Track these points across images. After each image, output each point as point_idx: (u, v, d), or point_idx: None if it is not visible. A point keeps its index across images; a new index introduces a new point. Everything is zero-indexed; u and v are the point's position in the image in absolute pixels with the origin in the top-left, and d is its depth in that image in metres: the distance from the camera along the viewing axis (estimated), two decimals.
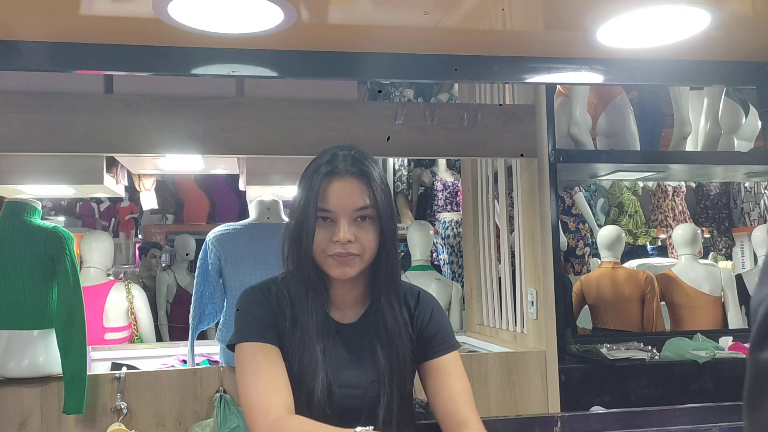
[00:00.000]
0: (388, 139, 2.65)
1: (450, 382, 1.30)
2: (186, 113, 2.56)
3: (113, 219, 6.69)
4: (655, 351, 2.90)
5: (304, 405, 1.22)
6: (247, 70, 1.64)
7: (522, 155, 2.80)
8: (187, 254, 4.85)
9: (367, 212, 1.23)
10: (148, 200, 3.85)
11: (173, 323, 4.68)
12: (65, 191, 3.10)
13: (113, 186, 2.95)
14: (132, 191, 5.34)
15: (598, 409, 2.48)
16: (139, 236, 6.50)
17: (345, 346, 1.30)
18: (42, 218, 2.63)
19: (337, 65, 1.64)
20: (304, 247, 1.23)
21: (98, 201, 6.69)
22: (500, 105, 3.02)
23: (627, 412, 1.69)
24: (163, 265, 5.34)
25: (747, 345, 2.77)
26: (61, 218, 6.19)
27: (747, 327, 3.60)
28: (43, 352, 2.46)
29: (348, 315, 1.33)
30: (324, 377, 1.23)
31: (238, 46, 1.57)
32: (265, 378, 1.19)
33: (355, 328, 1.32)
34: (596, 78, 1.79)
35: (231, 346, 1.28)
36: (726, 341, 3.07)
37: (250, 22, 1.44)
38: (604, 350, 2.80)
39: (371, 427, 1.07)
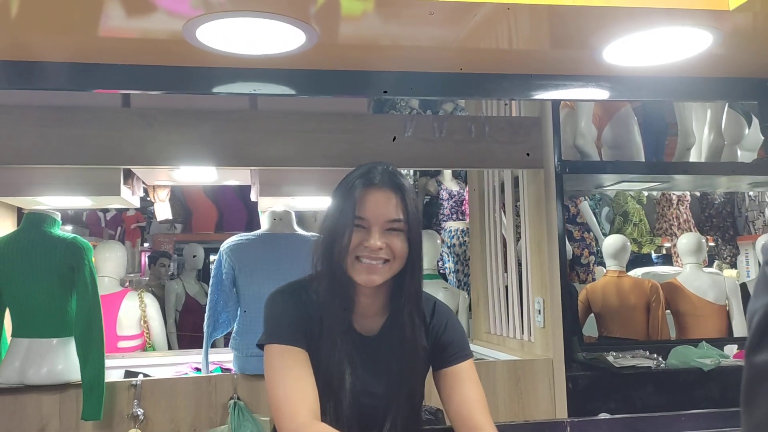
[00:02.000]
0: (394, 139, 2.70)
1: (464, 389, 1.35)
2: (200, 126, 2.63)
3: (119, 228, 6.73)
4: (660, 359, 2.93)
5: (332, 412, 1.28)
6: (268, 88, 1.71)
7: (528, 154, 2.84)
8: (193, 255, 4.87)
9: (398, 225, 1.30)
10: (162, 210, 3.91)
11: (182, 331, 4.73)
12: (83, 203, 3.16)
13: (129, 197, 3.01)
14: (139, 200, 5.38)
15: (604, 417, 2.52)
16: (145, 245, 6.54)
17: (366, 357, 1.35)
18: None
19: (353, 83, 1.70)
20: (337, 253, 1.28)
21: (104, 210, 6.73)
22: (507, 117, 3.08)
23: (634, 417, 1.73)
24: (172, 273, 5.40)
25: None
26: (69, 227, 6.24)
27: None
28: (62, 360, 2.51)
29: (369, 326, 1.38)
30: (351, 385, 1.28)
31: (259, 66, 1.64)
32: (293, 382, 1.25)
33: (375, 340, 1.37)
34: (602, 94, 1.86)
35: (260, 346, 1.33)
36: (731, 349, 3.10)
37: (272, 44, 1.50)
38: (610, 358, 2.84)
39: None
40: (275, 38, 1.44)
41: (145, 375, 2.91)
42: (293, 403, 1.22)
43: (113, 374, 3.22)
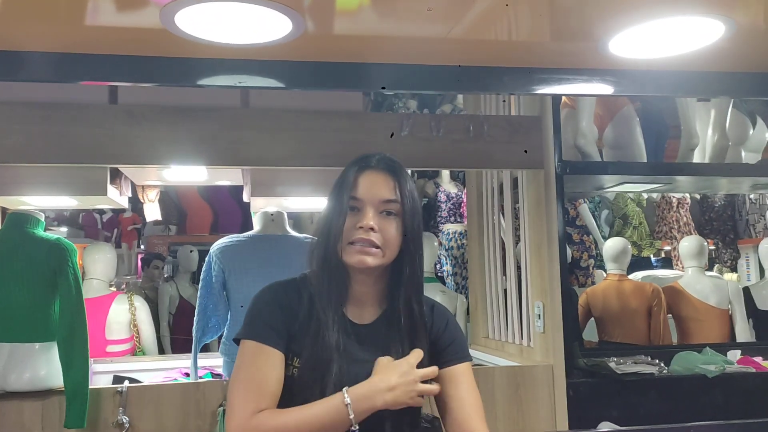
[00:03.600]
0: (392, 135, 2.63)
1: (461, 392, 1.30)
2: (190, 124, 2.55)
3: (116, 229, 6.70)
4: (663, 364, 2.87)
5: (318, 398, 1.22)
6: (254, 81, 1.63)
7: (526, 151, 2.78)
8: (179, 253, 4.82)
9: (393, 207, 1.26)
10: (152, 211, 3.83)
11: (176, 335, 4.66)
12: (69, 202, 3.08)
13: (117, 197, 2.93)
14: (135, 202, 5.33)
15: (607, 425, 2.44)
16: (142, 247, 6.49)
17: (358, 346, 1.29)
18: (45, 229, 2.61)
19: (344, 76, 1.63)
20: (333, 234, 1.25)
21: (101, 212, 6.70)
22: (506, 117, 3.00)
23: (639, 430, 1.66)
24: (166, 276, 5.33)
25: (756, 359, 2.73)
26: (64, 229, 6.19)
27: (755, 340, 3.57)
28: (45, 366, 2.43)
29: (363, 315, 1.32)
30: (337, 371, 1.23)
31: (245, 56, 1.56)
32: (258, 383, 1.21)
33: (369, 330, 1.31)
34: (607, 89, 1.78)
35: (237, 340, 1.29)
36: (734, 354, 3.04)
37: (257, 33, 1.42)
38: (612, 364, 2.77)
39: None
40: (259, 26, 1.36)
41: (134, 380, 2.82)
42: (250, 405, 1.18)
43: (102, 379, 3.14)
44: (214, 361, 3.14)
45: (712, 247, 5.33)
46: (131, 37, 1.53)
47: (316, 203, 3.11)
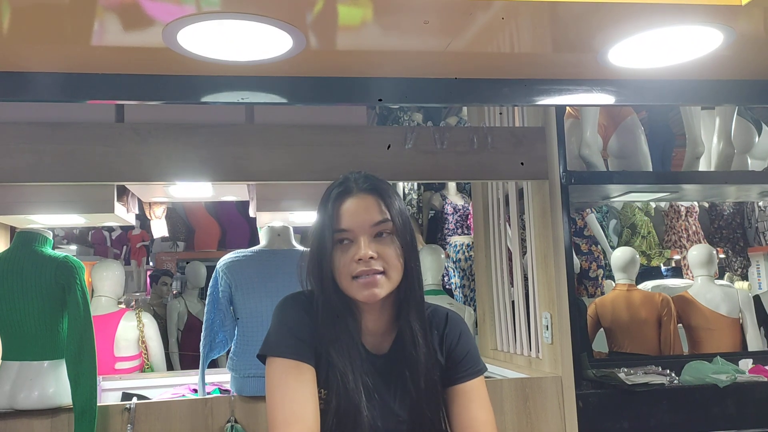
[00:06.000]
0: (389, 147, 2.62)
1: (474, 410, 1.27)
2: (196, 141, 2.56)
3: (125, 247, 6.74)
4: (673, 375, 2.84)
5: None
6: (257, 97, 1.64)
7: (522, 163, 2.77)
8: (186, 272, 4.82)
9: (386, 226, 1.21)
10: (159, 228, 3.85)
11: (184, 351, 4.66)
12: (76, 220, 3.10)
13: (124, 215, 2.94)
14: (143, 219, 5.36)
15: None
16: (151, 263, 6.52)
17: (381, 379, 1.26)
18: (54, 247, 2.62)
19: (346, 91, 1.64)
20: (325, 272, 1.20)
21: (110, 229, 6.75)
22: (510, 128, 3.01)
23: None
24: (174, 292, 5.34)
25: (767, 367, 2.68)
26: (74, 247, 6.23)
27: (767, 349, 3.54)
28: (54, 383, 2.44)
29: (379, 345, 1.29)
30: (367, 414, 1.19)
31: (247, 73, 1.58)
32: (293, 405, 1.15)
33: (387, 360, 1.28)
34: (608, 99, 1.78)
35: (262, 357, 1.23)
36: (746, 363, 3.01)
37: (259, 50, 1.44)
38: (622, 375, 2.74)
39: None
40: (260, 43, 1.38)
41: (142, 397, 2.82)
42: (289, 429, 1.12)
43: (110, 396, 3.14)
44: (221, 377, 3.13)
45: (722, 256, 5.30)
46: (136, 57, 1.55)
47: None
